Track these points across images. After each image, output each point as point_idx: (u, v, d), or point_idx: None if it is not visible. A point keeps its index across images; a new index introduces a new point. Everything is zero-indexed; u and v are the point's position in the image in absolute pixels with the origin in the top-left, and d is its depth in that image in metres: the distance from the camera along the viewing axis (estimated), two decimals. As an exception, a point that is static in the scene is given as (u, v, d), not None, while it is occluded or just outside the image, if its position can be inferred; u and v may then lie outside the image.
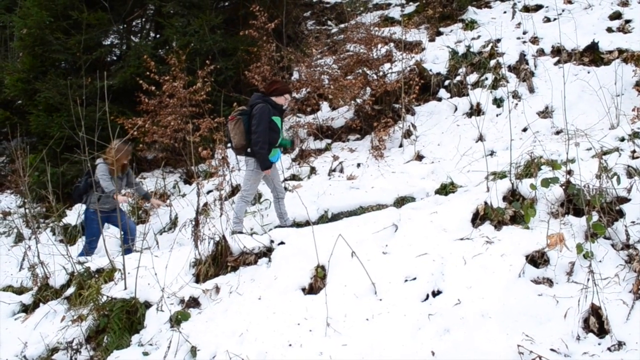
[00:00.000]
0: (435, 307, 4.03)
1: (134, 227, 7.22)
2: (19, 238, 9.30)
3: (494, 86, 8.76)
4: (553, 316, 3.76)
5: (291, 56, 10.60)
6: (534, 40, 9.62)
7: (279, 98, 6.45)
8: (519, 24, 10.28)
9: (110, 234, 7.27)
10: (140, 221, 8.32)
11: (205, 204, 7.83)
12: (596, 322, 3.63)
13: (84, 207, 8.09)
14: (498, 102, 8.49)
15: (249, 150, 6.36)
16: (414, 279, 4.37)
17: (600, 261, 4.14)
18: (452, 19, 11.64)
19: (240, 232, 6.18)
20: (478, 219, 4.98)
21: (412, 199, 6.74)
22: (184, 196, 8.77)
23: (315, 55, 10.81)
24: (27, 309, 5.96)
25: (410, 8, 13.14)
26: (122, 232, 6.49)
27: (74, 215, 9.07)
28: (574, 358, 3.44)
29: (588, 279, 3.77)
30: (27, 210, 9.66)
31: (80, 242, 8.05)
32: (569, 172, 4.85)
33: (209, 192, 8.59)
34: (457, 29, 11.08)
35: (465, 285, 4.14)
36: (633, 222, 4.43)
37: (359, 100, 9.31)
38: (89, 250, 6.95)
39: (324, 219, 6.79)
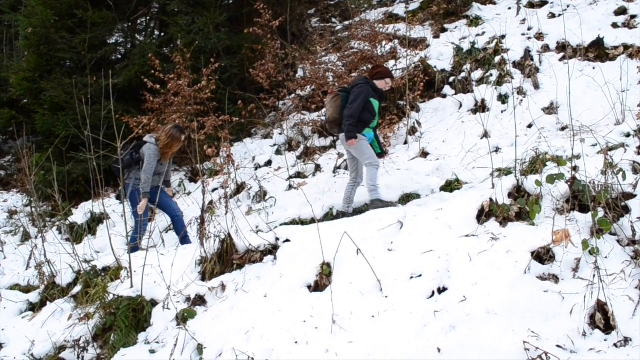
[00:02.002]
0: (440, 304, 4.03)
1: (177, 206, 7.00)
2: (26, 237, 9.33)
3: (499, 82, 8.75)
4: (559, 312, 3.75)
5: (296, 54, 10.61)
6: (539, 36, 9.60)
7: (380, 82, 6.56)
8: (524, 20, 10.26)
9: (116, 232, 7.29)
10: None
11: (211, 202, 7.85)
12: (602, 318, 3.62)
13: (89, 203, 8.15)
14: (503, 99, 8.47)
15: (343, 126, 6.40)
16: (420, 276, 4.37)
17: (606, 257, 4.13)
18: (456, 15, 11.62)
19: (380, 201, 6.23)
20: (483, 215, 4.97)
21: (417, 196, 6.73)
22: (189, 194, 8.79)
23: (320, 52, 10.82)
24: (34, 308, 5.99)
25: (415, 5, 13.13)
26: (171, 215, 6.77)
27: (80, 213, 9.10)
28: (580, 354, 3.43)
29: (594, 275, 3.76)
30: (33, 209, 9.69)
31: (87, 240, 8.07)
32: (575, 168, 4.84)
33: (214, 190, 8.61)
34: (462, 25, 11.06)
35: (471, 282, 4.14)
36: (639, 218, 4.42)
37: (363, 98, 9.30)
38: (142, 229, 6.69)
39: (329, 216, 6.79)
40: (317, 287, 4.68)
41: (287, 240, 5.32)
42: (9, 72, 12.21)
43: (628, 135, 6.21)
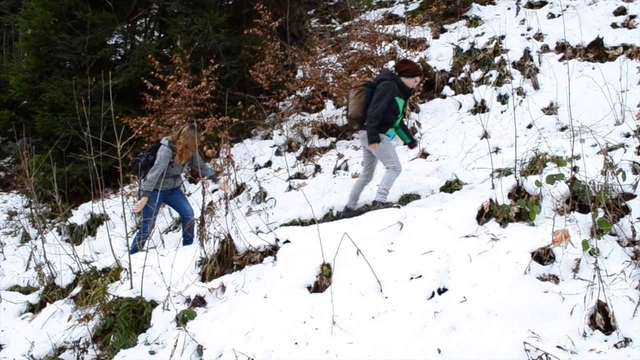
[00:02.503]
0: (440, 304, 4.03)
1: (191, 210, 6.99)
2: (26, 238, 9.34)
3: (499, 83, 8.74)
4: (559, 313, 3.75)
5: (295, 54, 10.61)
6: (538, 36, 9.59)
7: (409, 80, 6.26)
8: (523, 20, 10.26)
9: (116, 233, 7.29)
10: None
11: (211, 203, 7.85)
12: (602, 319, 3.62)
13: (89, 204, 8.11)
14: (503, 99, 8.47)
15: (365, 123, 6.16)
16: (420, 276, 4.37)
17: (606, 258, 4.13)
18: (456, 15, 11.62)
19: (382, 204, 6.08)
20: (483, 216, 4.97)
21: (417, 197, 6.72)
22: (189, 195, 8.78)
23: (320, 53, 10.81)
24: (34, 309, 5.99)
25: (414, 5, 13.13)
26: (181, 215, 6.73)
27: (80, 214, 9.10)
28: (580, 355, 3.43)
29: (594, 276, 3.77)
30: (33, 210, 9.69)
31: (87, 241, 8.07)
32: (574, 169, 4.84)
33: (214, 191, 8.60)
34: (461, 25, 11.06)
35: (471, 282, 4.14)
36: (639, 218, 4.42)
37: (363, 98, 9.29)
38: (143, 232, 6.61)
39: (329, 217, 6.79)
40: (317, 287, 4.68)
41: (287, 241, 5.32)
42: (8, 74, 12.21)
43: (628, 135, 6.21)
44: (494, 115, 8.17)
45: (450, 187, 6.68)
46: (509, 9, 11.12)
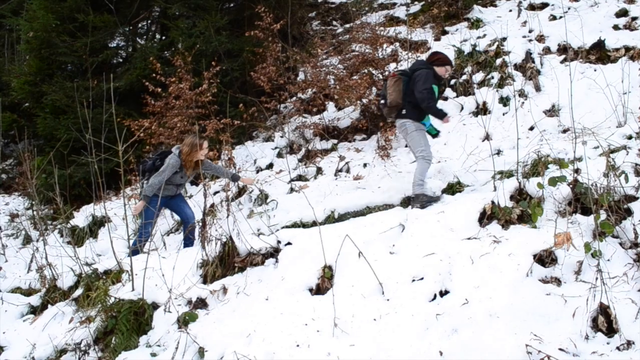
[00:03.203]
0: (442, 307, 4.03)
1: (192, 214, 7.01)
2: (27, 240, 9.34)
3: (500, 85, 8.73)
4: (561, 315, 3.74)
5: (297, 57, 10.60)
6: (540, 38, 9.59)
7: (440, 68, 6.49)
8: (525, 22, 10.25)
9: (118, 235, 7.28)
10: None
11: (212, 205, 7.84)
12: (605, 322, 3.61)
13: (90, 206, 8.09)
14: (504, 101, 8.46)
15: (403, 112, 6.40)
16: (422, 279, 4.37)
17: (608, 260, 4.12)
18: (457, 18, 11.61)
19: (425, 195, 6.10)
20: (485, 218, 4.97)
21: (419, 199, 6.72)
22: (190, 197, 8.78)
23: (321, 55, 10.81)
24: (35, 311, 5.99)
25: (416, 7, 13.12)
26: (182, 220, 6.78)
27: (82, 217, 9.10)
28: (583, 357, 3.42)
29: (596, 278, 3.76)
30: (34, 212, 9.70)
31: (88, 243, 8.07)
32: (577, 171, 4.83)
33: (215, 193, 8.60)
34: (463, 27, 11.05)
35: (473, 285, 4.14)
36: (641, 220, 4.41)
37: (364, 100, 9.30)
38: (143, 234, 6.59)
39: (330, 219, 6.77)
40: (319, 290, 4.68)
41: (289, 243, 5.32)
42: (10, 76, 12.21)
43: (630, 137, 6.20)
44: (495, 117, 8.17)
45: (452, 189, 6.68)
46: (510, 10, 11.12)
